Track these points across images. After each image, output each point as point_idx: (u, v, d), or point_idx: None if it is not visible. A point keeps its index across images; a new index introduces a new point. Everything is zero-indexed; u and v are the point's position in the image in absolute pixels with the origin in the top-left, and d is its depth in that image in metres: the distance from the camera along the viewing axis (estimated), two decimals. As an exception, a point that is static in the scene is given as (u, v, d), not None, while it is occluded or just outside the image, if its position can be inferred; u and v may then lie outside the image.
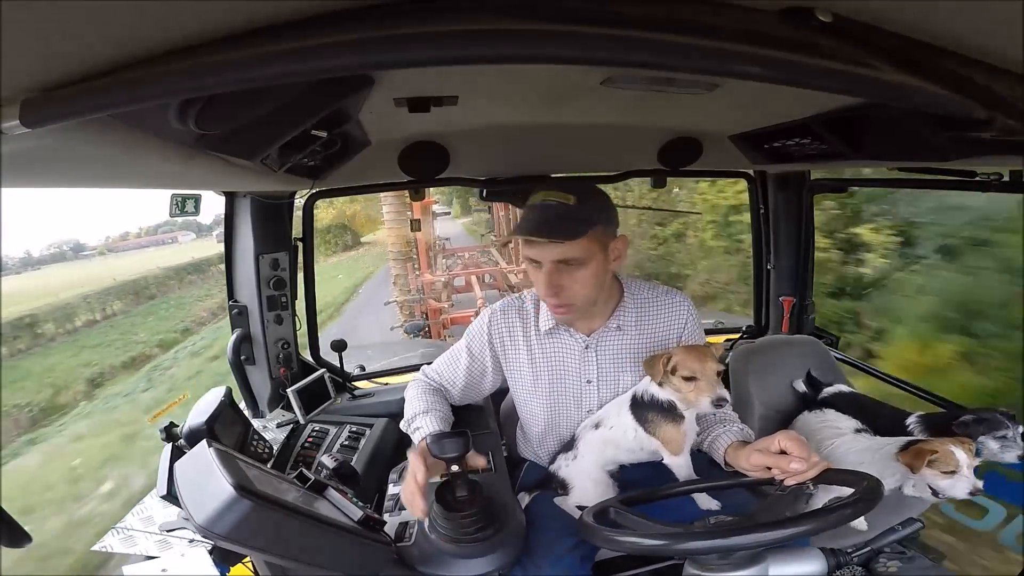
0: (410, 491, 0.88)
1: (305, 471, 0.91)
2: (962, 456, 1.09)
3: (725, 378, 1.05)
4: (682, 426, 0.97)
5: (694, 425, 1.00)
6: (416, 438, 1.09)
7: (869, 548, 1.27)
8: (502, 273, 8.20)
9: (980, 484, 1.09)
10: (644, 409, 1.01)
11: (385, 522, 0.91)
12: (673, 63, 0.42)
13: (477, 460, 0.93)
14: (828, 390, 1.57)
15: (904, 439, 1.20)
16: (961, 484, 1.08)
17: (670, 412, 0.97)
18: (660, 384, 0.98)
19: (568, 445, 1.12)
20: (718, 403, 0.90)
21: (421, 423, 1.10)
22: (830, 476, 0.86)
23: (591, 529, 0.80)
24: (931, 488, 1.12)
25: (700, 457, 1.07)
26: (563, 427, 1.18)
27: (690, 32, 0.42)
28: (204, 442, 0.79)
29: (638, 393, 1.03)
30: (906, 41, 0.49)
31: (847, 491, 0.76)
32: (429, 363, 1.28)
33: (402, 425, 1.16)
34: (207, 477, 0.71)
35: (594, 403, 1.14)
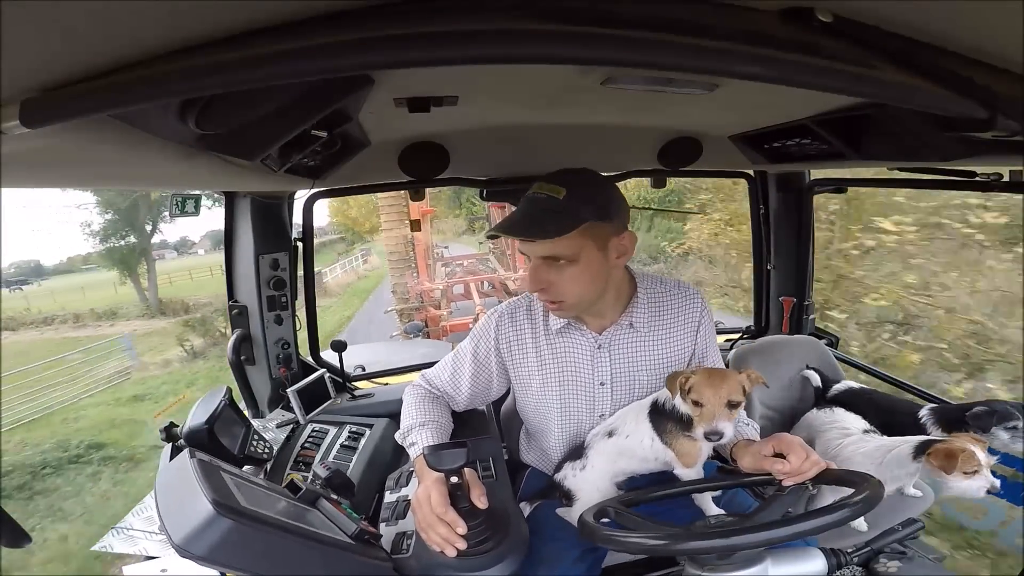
0: (443, 535, 0.81)
1: (297, 480, 0.87)
2: (983, 456, 1.09)
3: None
4: (698, 440, 0.94)
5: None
6: (412, 453, 1.04)
7: (869, 548, 1.27)
8: (500, 280, 8.23)
9: (997, 483, 1.10)
10: (664, 418, 0.96)
11: (381, 535, 0.88)
12: (673, 63, 0.42)
13: (478, 501, 0.86)
14: (837, 387, 1.56)
15: (916, 439, 1.18)
16: (979, 483, 1.08)
17: (688, 425, 0.94)
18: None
19: (576, 453, 1.07)
20: (708, 436, 0.88)
21: (417, 438, 1.04)
22: (831, 476, 0.86)
23: (591, 529, 0.79)
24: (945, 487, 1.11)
25: (708, 465, 1.04)
26: (574, 434, 1.12)
27: (690, 32, 0.42)
28: (187, 452, 0.76)
29: (659, 400, 0.98)
30: (906, 41, 0.49)
31: (849, 492, 0.76)
32: (430, 366, 1.24)
33: (397, 436, 1.11)
34: (186, 491, 0.68)
35: (607, 407, 1.08)
